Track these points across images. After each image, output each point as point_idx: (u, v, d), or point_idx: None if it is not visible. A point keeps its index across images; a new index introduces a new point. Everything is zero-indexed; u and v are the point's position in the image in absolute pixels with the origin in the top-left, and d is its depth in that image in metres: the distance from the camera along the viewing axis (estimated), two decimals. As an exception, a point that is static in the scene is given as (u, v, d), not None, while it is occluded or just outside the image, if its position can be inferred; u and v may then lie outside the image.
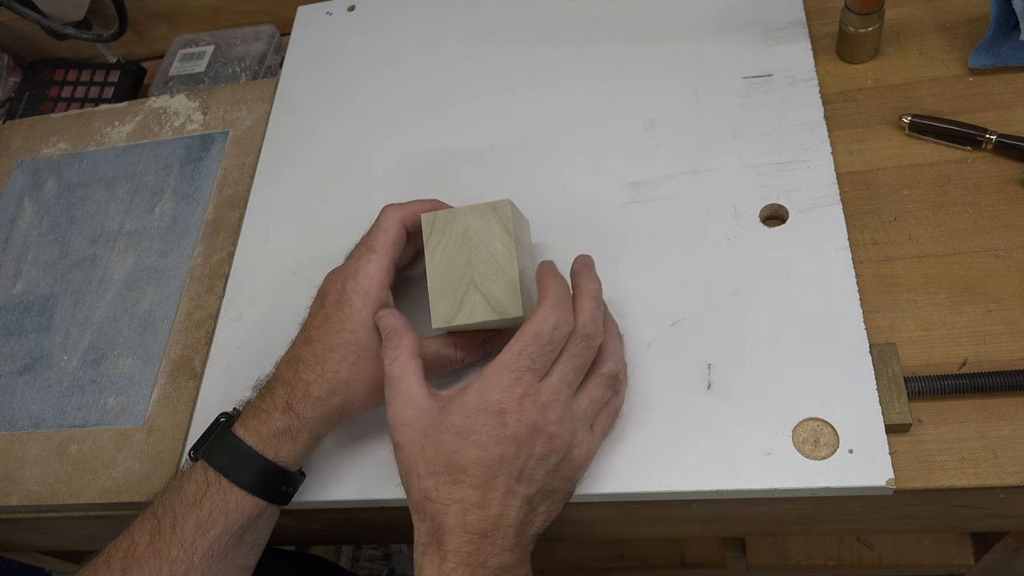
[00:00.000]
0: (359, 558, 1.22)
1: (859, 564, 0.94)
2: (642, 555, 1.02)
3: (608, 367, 0.48)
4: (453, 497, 0.43)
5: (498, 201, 0.50)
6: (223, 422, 0.52)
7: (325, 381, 0.49)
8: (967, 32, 0.61)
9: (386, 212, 0.53)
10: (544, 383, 0.45)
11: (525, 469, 0.44)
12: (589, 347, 0.46)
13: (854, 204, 0.56)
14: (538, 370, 0.44)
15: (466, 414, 0.44)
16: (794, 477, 0.47)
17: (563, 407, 0.45)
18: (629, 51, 0.67)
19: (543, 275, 0.48)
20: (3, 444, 0.63)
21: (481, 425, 0.44)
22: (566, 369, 0.45)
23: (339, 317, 0.50)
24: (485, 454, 0.43)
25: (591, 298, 0.48)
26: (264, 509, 0.50)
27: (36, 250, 0.74)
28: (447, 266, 0.50)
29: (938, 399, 0.48)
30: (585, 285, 0.48)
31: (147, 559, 0.48)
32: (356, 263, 0.51)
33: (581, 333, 0.46)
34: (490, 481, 0.43)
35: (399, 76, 0.73)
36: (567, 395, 0.45)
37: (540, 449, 0.44)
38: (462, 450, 0.44)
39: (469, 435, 0.44)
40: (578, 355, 0.46)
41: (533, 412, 0.44)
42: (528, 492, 0.44)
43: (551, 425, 0.44)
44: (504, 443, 0.43)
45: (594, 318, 0.47)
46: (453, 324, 0.49)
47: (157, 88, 0.86)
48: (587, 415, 0.47)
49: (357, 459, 0.54)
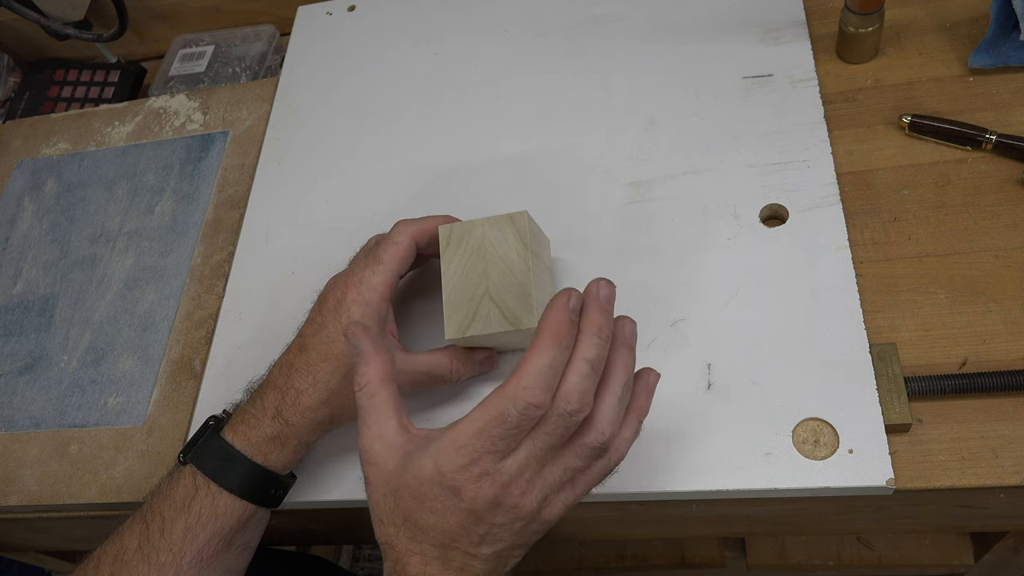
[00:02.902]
0: (359, 558, 1.22)
1: (859, 564, 0.94)
2: (642, 555, 1.02)
3: (592, 437, 0.41)
4: (412, 549, 0.41)
5: (516, 213, 0.50)
6: (212, 426, 0.52)
7: (316, 391, 0.49)
8: (967, 32, 0.61)
9: (398, 227, 0.52)
10: (507, 462, 0.39)
11: (487, 535, 0.40)
12: (568, 424, 0.40)
13: (854, 204, 0.56)
14: (500, 451, 0.39)
15: (420, 481, 0.40)
16: (794, 477, 0.47)
17: (528, 482, 0.40)
18: (629, 51, 0.67)
19: (541, 326, 0.39)
20: (3, 444, 0.63)
21: (435, 496, 0.40)
22: (535, 447, 0.40)
23: (336, 327, 0.49)
24: (441, 521, 0.40)
25: (584, 362, 0.39)
26: (254, 513, 0.50)
27: (36, 250, 0.74)
28: (462, 278, 0.49)
29: (938, 399, 0.48)
30: (582, 346, 0.40)
31: (135, 563, 0.48)
32: (361, 272, 0.50)
33: (559, 411, 0.39)
34: (449, 544, 0.41)
35: (399, 76, 0.73)
36: (535, 469, 0.40)
37: (502, 519, 0.40)
38: (418, 512, 0.41)
39: (424, 502, 0.40)
40: (551, 434, 0.40)
41: (492, 490, 0.39)
42: (493, 551, 0.41)
43: (514, 498, 0.40)
44: (461, 514, 0.40)
45: (581, 392, 0.39)
46: (466, 335, 0.48)
47: (157, 88, 0.86)
48: (560, 481, 0.41)
49: (356, 460, 0.54)
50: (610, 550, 1.03)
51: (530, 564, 1.05)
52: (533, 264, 0.49)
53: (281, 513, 0.55)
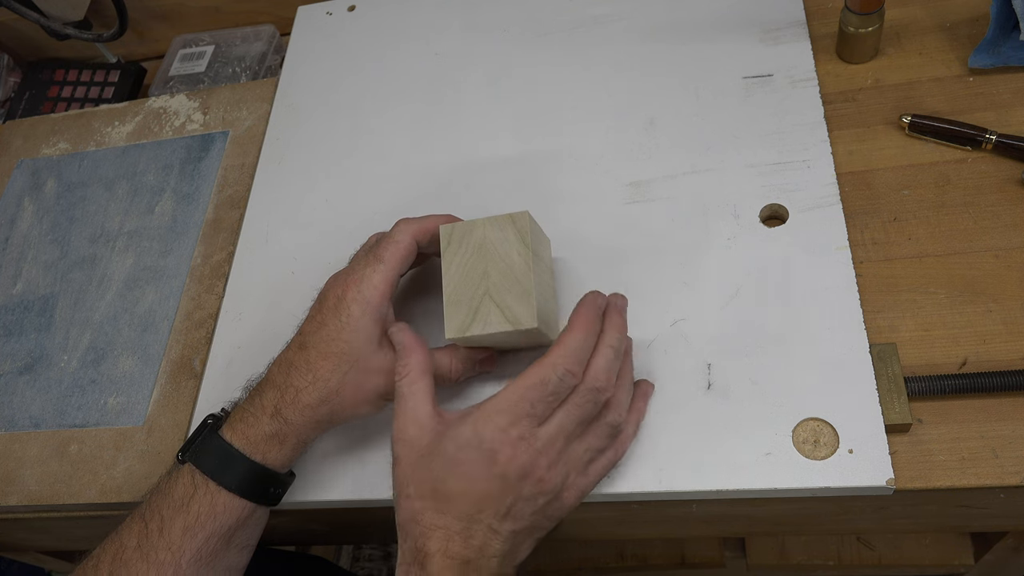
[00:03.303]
0: (359, 558, 1.22)
1: (859, 564, 0.94)
2: (642, 555, 1.02)
3: (612, 417, 0.47)
4: (437, 523, 0.43)
5: (517, 213, 0.50)
6: (211, 424, 0.52)
7: (316, 389, 0.49)
8: (967, 32, 0.61)
9: (400, 225, 0.52)
10: (542, 429, 0.44)
11: (513, 508, 0.44)
12: (595, 401, 0.45)
13: (854, 204, 0.56)
14: (538, 416, 0.44)
15: (458, 446, 0.43)
16: (794, 477, 0.47)
17: (557, 453, 0.44)
18: (629, 51, 0.67)
19: (575, 314, 0.46)
20: (3, 444, 0.63)
21: (471, 460, 0.43)
22: (567, 420, 0.44)
23: (335, 325, 0.49)
24: (472, 488, 0.43)
25: (609, 348, 0.46)
26: (253, 511, 0.50)
27: (36, 250, 0.74)
28: (463, 277, 0.49)
29: (938, 399, 0.48)
30: (608, 334, 0.47)
31: (135, 563, 0.48)
32: (362, 271, 0.50)
33: (589, 386, 0.45)
34: (475, 515, 0.43)
35: (399, 76, 0.73)
36: (563, 443, 0.45)
37: (528, 491, 0.44)
38: (450, 480, 0.43)
39: (458, 467, 0.43)
40: (582, 406, 0.45)
41: (526, 456, 0.43)
42: (514, 528, 0.44)
43: (542, 470, 0.44)
44: (492, 481, 0.43)
45: (607, 371, 0.45)
46: (466, 335, 0.48)
47: (157, 88, 0.86)
48: (582, 461, 0.46)
49: (357, 459, 0.54)
50: (610, 550, 1.03)
51: (530, 564, 1.05)
52: (534, 264, 0.49)
53: (281, 513, 0.55)
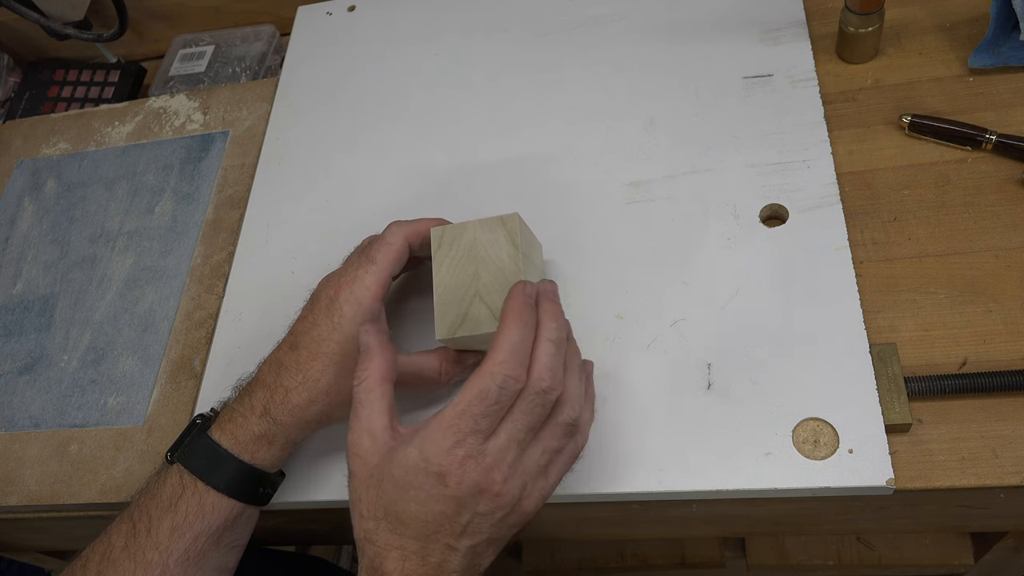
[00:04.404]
0: (359, 558, 1.22)
1: (859, 564, 0.94)
2: (642, 555, 1.02)
3: (565, 415, 0.43)
4: (392, 544, 0.42)
5: (507, 215, 0.50)
6: (199, 424, 0.52)
7: (306, 389, 0.49)
8: (967, 32, 0.61)
9: (392, 227, 0.52)
10: (490, 443, 0.41)
11: (469, 525, 0.41)
12: (544, 403, 0.42)
13: (854, 204, 0.56)
14: (483, 431, 0.41)
15: (405, 470, 0.41)
16: (794, 477, 0.47)
17: (510, 466, 0.41)
18: (629, 51, 0.67)
19: (505, 311, 0.43)
20: (3, 444, 0.63)
21: (420, 484, 0.41)
22: (515, 429, 0.41)
23: (327, 325, 0.49)
24: (424, 510, 0.41)
25: (549, 342, 0.42)
26: (242, 511, 0.50)
27: (36, 250, 0.74)
28: (454, 279, 0.49)
29: (938, 399, 0.48)
30: (544, 326, 0.43)
31: (122, 562, 0.48)
32: (354, 272, 0.50)
33: (534, 389, 0.41)
34: (431, 535, 0.41)
35: (399, 76, 0.73)
36: (515, 453, 0.42)
37: (484, 507, 0.41)
38: (400, 503, 0.41)
39: (408, 491, 0.41)
40: (530, 413, 0.42)
41: (476, 474, 0.40)
42: (472, 543, 0.42)
43: (497, 484, 0.41)
44: (445, 502, 0.41)
45: (551, 368, 0.42)
46: (456, 335, 0.48)
47: (157, 88, 0.86)
48: (538, 466, 0.43)
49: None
50: (610, 550, 1.03)
51: (530, 564, 1.05)
52: (523, 265, 0.49)
53: (281, 513, 0.55)
